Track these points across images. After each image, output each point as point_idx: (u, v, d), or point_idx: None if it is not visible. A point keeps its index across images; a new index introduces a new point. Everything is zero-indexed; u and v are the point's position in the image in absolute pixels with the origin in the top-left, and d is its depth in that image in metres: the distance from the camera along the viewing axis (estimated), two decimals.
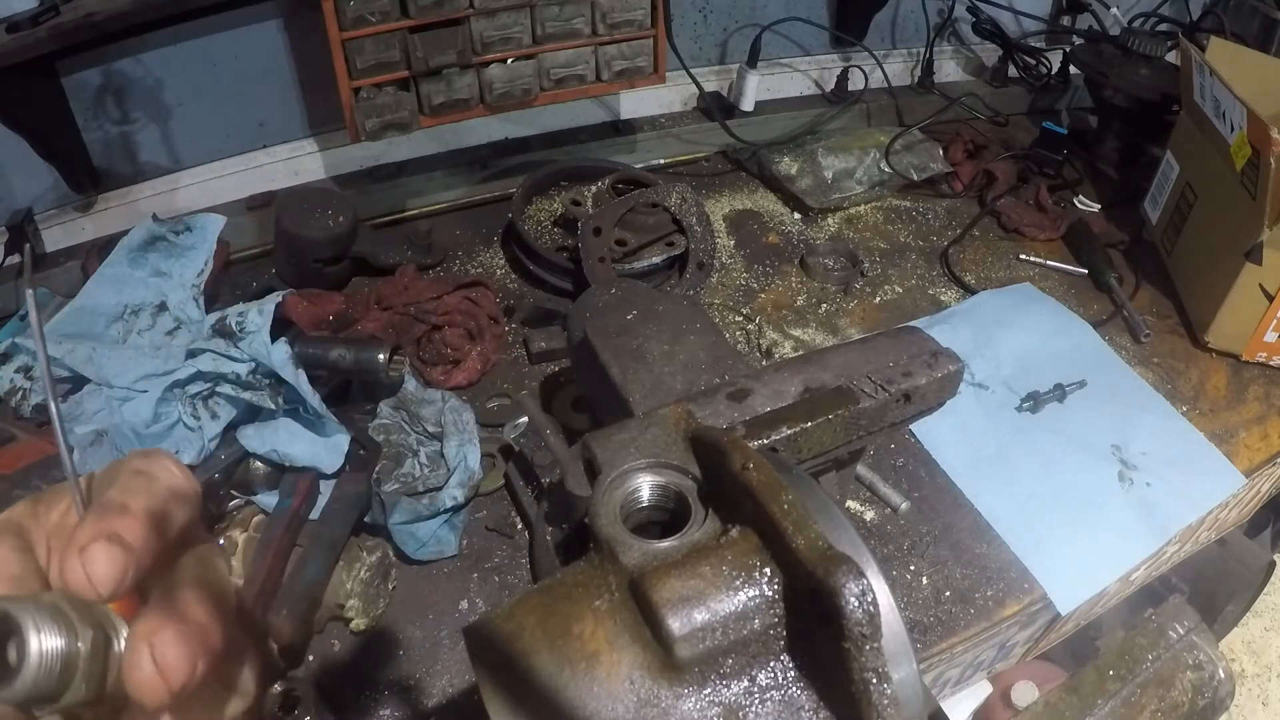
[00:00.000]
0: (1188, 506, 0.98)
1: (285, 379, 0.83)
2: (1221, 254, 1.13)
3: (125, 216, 1.17)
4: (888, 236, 1.36)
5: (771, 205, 1.40)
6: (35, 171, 1.10)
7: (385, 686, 0.75)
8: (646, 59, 1.23)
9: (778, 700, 0.34)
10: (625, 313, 0.76)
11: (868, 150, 1.43)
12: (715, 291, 1.21)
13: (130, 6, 1.00)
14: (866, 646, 0.30)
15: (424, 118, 1.15)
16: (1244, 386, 1.15)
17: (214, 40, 1.13)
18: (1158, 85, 1.43)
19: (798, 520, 0.33)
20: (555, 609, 0.36)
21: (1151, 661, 0.50)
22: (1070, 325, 1.19)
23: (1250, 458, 1.05)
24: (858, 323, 1.19)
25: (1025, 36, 1.76)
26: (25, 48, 0.96)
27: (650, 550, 0.37)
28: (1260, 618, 1.89)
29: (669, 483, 0.43)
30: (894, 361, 0.62)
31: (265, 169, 1.27)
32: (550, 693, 0.33)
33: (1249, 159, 1.06)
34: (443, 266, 1.20)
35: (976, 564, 0.90)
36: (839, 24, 1.58)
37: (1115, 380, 1.12)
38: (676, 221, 1.16)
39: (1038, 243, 1.36)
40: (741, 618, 0.34)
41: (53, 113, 1.06)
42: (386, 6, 1.05)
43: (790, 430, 0.54)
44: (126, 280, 0.99)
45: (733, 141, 1.45)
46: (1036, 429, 1.04)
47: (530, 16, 1.13)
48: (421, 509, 0.81)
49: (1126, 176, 1.52)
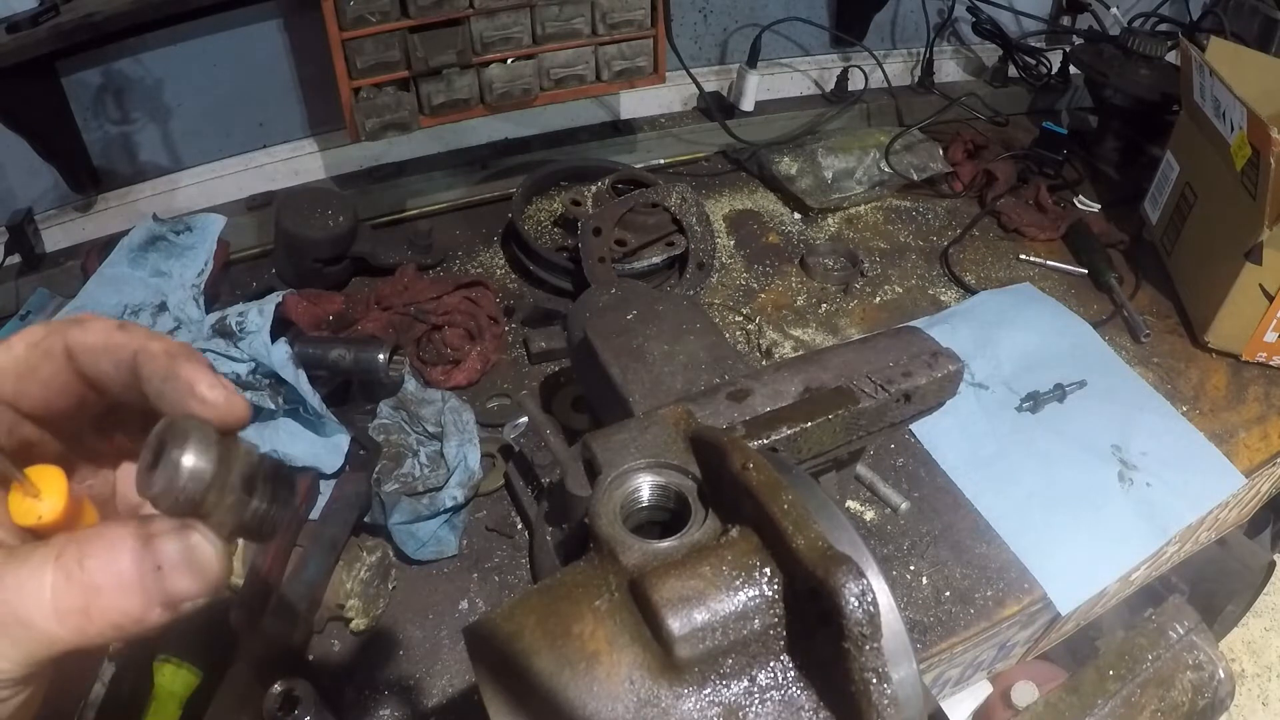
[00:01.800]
0: (1188, 506, 0.98)
1: (285, 379, 0.83)
2: (1221, 254, 1.13)
3: (125, 216, 1.17)
4: (888, 236, 1.36)
5: (771, 205, 1.40)
6: (35, 171, 1.10)
7: (385, 686, 0.75)
8: (646, 59, 1.23)
9: (778, 700, 0.34)
10: (625, 313, 0.76)
11: (868, 150, 1.43)
12: (715, 291, 1.21)
13: (130, 6, 1.00)
14: (866, 646, 0.30)
15: (424, 118, 1.15)
16: (1244, 386, 1.15)
17: (214, 40, 1.13)
18: (1158, 85, 1.43)
19: (798, 520, 0.33)
20: (555, 609, 0.36)
21: (1151, 661, 0.50)
22: (1070, 325, 1.19)
23: (1250, 458, 1.05)
24: (858, 323, 1.19)
25: (1025, 36, 1.76)
26: (25, 48, 0.96)
27: (650, 550, 0.37)
28: (1260, 618, 1.89)
29: (669, 483, 0.43)
30: (894, 361, 0.62)
31: (265, 169, 1.27)
32: (550, 693, 0.33)
33: (1249, 159, 1.06)
34: (443, 266, 1.20)
35: (976, 564, 0.90)
36: (839, 24, 1.58)
37: (1115, 380, 1.12)
38: (676, 221, 1.16)
39: (1038, 243, 1.36)
40: (741, 618, 0.34)
41: (53, 113, 1.06)
42: (386, 6, 1.05)
43: (790, 430, 0.54)
44: (126, 280, 0.99)
45: (733, 141, 1.45)
46: (1036, 429, 1.04)
47: (530, 16, 1.13)
48: (421, 509, 0.81)
49: (1126, 176, 1.52)
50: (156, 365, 0.30)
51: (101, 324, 0.31)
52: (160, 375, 0.30)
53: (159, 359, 0.30)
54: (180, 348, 0.30)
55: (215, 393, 0.29)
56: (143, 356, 0.30)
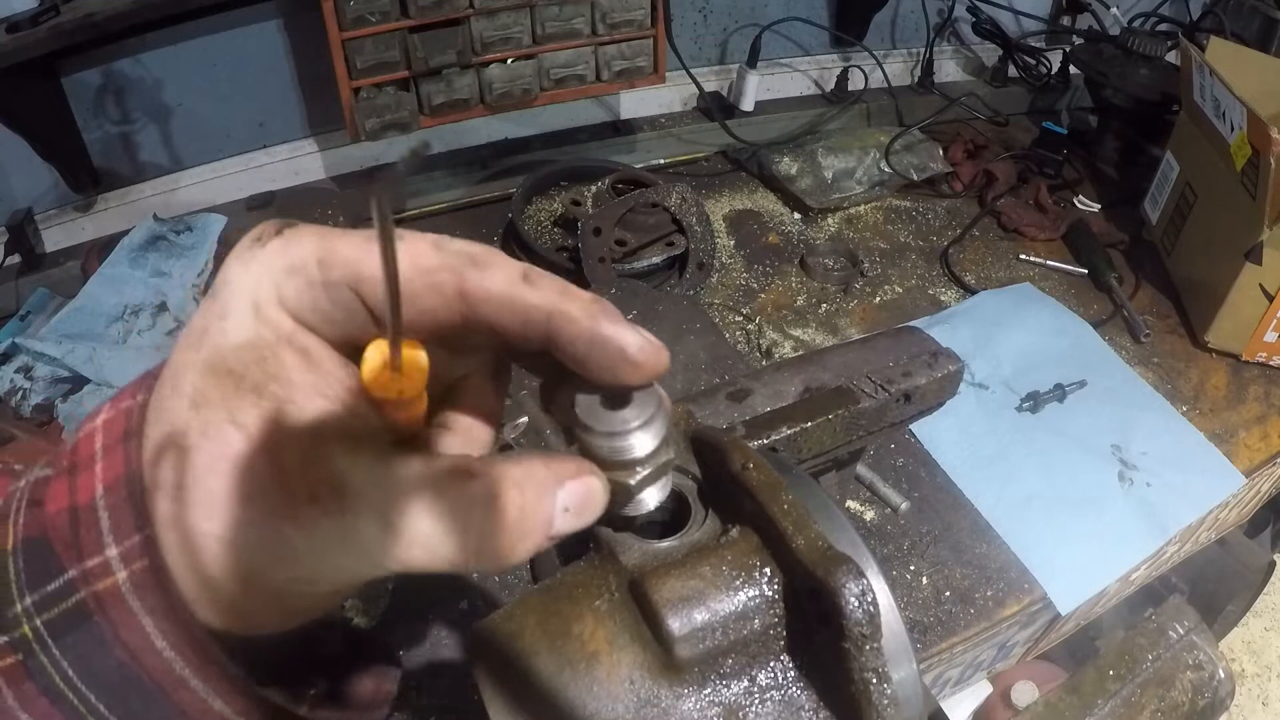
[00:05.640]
0: (1188, 506, 0.98)
1: None
2: (1221, 254, 1.13)
3: (125, 216, 1.17)
4: (888, 236, 1.36)
5: (771, 205, 1.40)
6: (35, 171, 1.10)
7: None
8: (646, 59, 1.23)
9: (778, 700, 0.34)
10: (625, 313, 0.76)
11: (868, 150, 1.43)
12: (715, 291, 1.21)
13: (130, 6, 1.00)
14: (866, 646, 0.30)
15: (424, 118, 1.15)
16: (1244, 386, 1.15)
17: (214, 40, 1.13)
18: (1158, 85, 1.43)
19: (798, 520, 0.33)
20: (555, 609, 0.36)
21: (1151, 661, 0.50)
22: (1070, 325, 1.19)
23: (1250, 458, 1.05)
24: (858, 323, 1.19)
25: (1025, 36, 1.76)
26: (25, 48, 0.96)
27: (650, 550, 0.37)
28: (1260, 618, 1.89)
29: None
30: (894, 361, 0.62)
31: (265, 169, 1.27)
32: (550, 693, 0.33)
33: (1249, 159, 1.06)
34: None
35: (976, 564, 0.90)
36: (839, 24, 1.58)
37: (1115, 380, 1.12)
38: (676, 221, 1.16)
39: (1038, 243, 1.36)
40: (741, 618, 0.34)
41: (53, 113, 1.06)
42: (386, 6, 1.05)
43: (790, 430, 0.54)
44: (127, 280, 0.99)
45: (733, 141, 1.45)
46: (1036, 429, 1.04)
47: (530, 16, 1.13)
48: None
49: (1126, 176, 1.52)
50: (578, 330, 0.27)
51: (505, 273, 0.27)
52: (585, 340, 0.27)
53: (580, 323, 0.27)
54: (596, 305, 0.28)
55: (645, 352, 0.28)
56: (559, 320, 0.27)
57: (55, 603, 0.26)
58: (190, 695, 0.27)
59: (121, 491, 0.26)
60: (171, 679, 0.27)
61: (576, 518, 0.27)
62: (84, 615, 0.26)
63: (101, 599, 0.26)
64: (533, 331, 0.27)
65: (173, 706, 0.27)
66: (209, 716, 0.28)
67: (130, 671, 0.26)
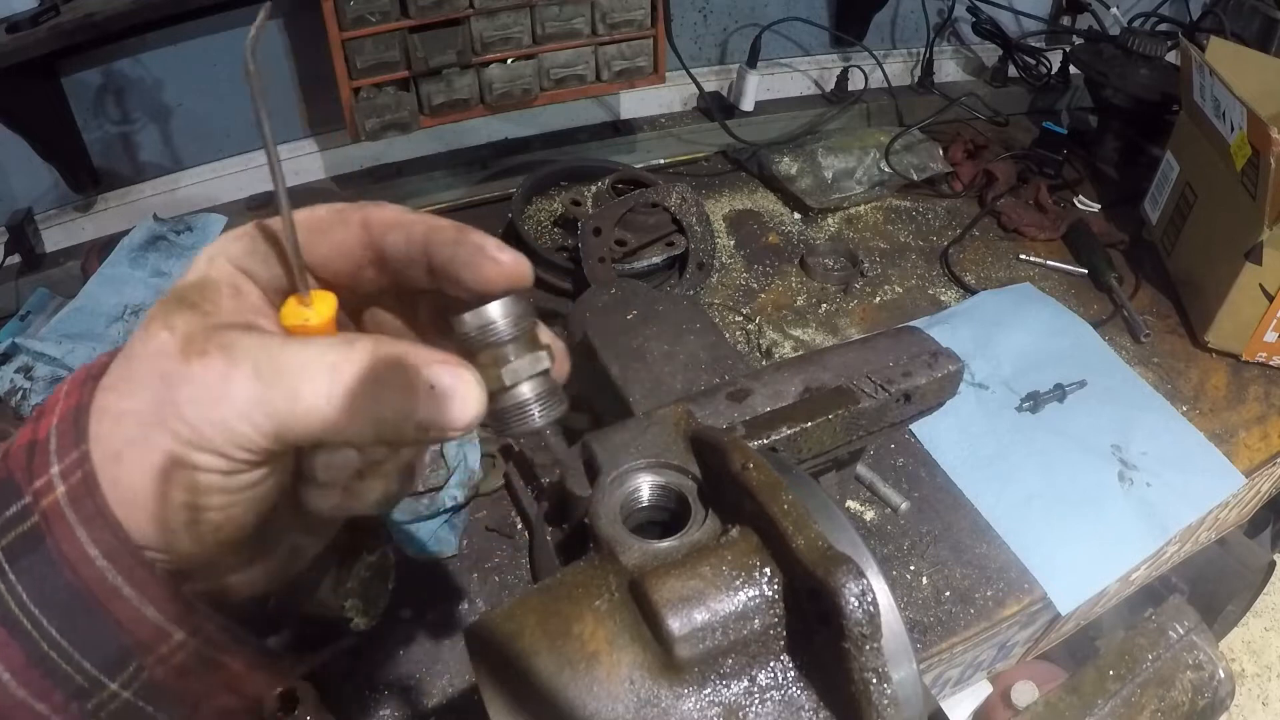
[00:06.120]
0: (1188, 506, 0.98)
1: None
2: (1221, 254, 1.13)
3: (125, 216, 1.17)
4: (888, 236, 1.36)
5: (771, 205, 1.40)
6: (35, 171, 1.10)
7: (385, 686, 0.75)
8: (646, 59, 1.23)
9: (778, 700, 0.34)
10: (625, 313, 0.76)
11: (868, 150, 1.43)
12: (715, 291, 1.21)
13: (130, 6, 1.00)
14: (866, 646, 0.30)
15: (424, 118, 1.14)
16: (1244, 386, 1.15)
17: (214, 40, 1.13)
18: (1158, 85, 1.43)
19: (798, 520, 0.33)
20: (555, 609, 0.36)
21: (1151, 661, 0.50)
22: (1070, 325, 1.19)
23: (1250, 458, 1.05)
24: (858, 323, 1.19)
25: (1025, 36, 1.76)
26: (25, 48, 0.96)
27: (650, 550, 0.37)
28: (1260, 618, 1.89)
29: (669, 483, 0.43)
30: (894, 361, 0.62)
31: (265, 169, 1.26)
32: (550, 693, 0.33)
33: (1249, 159, 1.06)
34: None
35: (976, 564, 0.90)
36: (839, 24, 1.58)
37: (1115, 380, 1.12)
38: (676, 221, 1.16)
39: (1038, 243, 1.36)
40: (741, 618, 0.34)
41: (53, 113, 1.06)
42: (386, 6, 1.05)
43: (790, 430, 0.54)
44: (127, 280, 0.99)
45: (733, 141, 1.45)
46: (1036, 429, 1.04)
47: (530, 16, 1.13)
48: (421, 509, 0.81)
49: (1126, 176, 1.52)
50: (446, 235, 0.32)
51: (395, 206, 0.34)
52: (451, 241, 0.32)
53: (448, 230, 0.32)
54: (465, 227, 0.33)
55: (504, 254, 0.32)
56: (433, 231, 0.33)
57: (13, 526, 0.29)
58: (124, 605, 0.29)
59: (70, 419, 0.30)
60: (106, 589, 0.29)
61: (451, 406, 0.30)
62: (38, 538, 0.28)
63: (48, 516, 0.28)
64: (415, 248, 0.32)
65: (111, 621, 0.29)
66: (143, 626, 0.29)
67: (75, 589, 0.28)
